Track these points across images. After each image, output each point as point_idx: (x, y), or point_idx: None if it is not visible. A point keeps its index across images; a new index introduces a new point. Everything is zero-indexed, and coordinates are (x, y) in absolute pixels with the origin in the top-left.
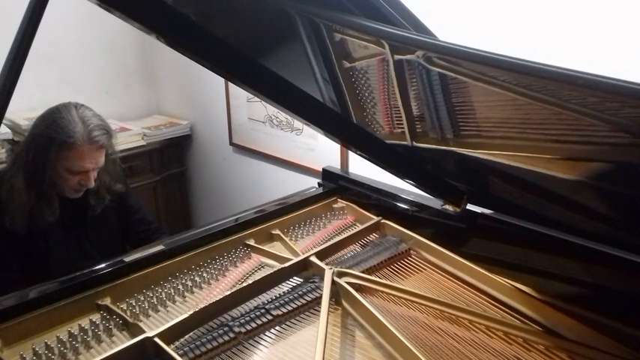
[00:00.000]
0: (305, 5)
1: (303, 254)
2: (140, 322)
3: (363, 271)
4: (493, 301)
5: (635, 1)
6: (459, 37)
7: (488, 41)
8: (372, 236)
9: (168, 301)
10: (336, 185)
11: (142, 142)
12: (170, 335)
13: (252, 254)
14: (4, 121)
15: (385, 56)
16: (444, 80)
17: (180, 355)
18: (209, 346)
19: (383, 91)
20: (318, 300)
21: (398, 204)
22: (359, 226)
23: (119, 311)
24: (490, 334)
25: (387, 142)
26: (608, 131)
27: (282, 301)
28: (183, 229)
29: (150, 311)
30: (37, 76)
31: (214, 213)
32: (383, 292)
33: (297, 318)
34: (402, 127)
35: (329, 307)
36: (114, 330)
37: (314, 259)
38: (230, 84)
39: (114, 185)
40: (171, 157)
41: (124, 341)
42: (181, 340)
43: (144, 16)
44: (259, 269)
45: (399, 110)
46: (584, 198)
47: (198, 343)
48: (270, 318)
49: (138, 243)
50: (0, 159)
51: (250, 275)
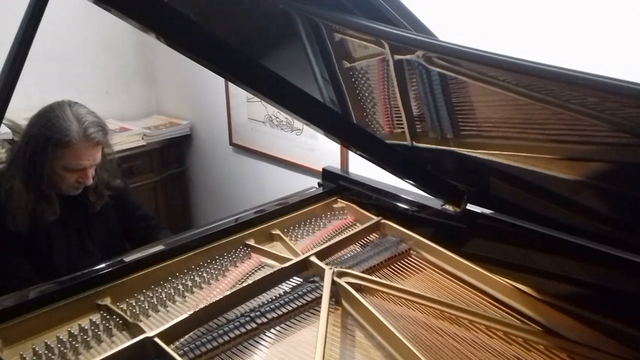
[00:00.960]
0: (305, 5)
1: (303, 254)
2: (140, 322)
3: (363, 271)
4: (493, 301)
5: (635, 1)
6: (459, 37)
7: (488, 41)
8: (372, 236)
9: (168, 301)
10: (336, 185)
11: (142, 142)
12: (170, 335)
13: (252, 254)
14: (4, 121)
15: (385, 56)
16: (444, 80)
17: (180, 355)
18: (209, 346)
19: (383, 91)
20: (318, 300)
21: (398, 204)
22: (359, 226)
23: (119, 311)
24: (490, 334)
25: (387, 142)
26: (608, 131)
27: (282, 301)
28: (183, 229)
29: (150, 311)
30: (37, 76)
31: (214, 213)
32: (383, 292)
33: (297, 318)
34: (402, 127)
35: (329, 307)
36: (114, 330)
37: (314, 259)
38: (230, 84)
39: (112, 181)
40: (171, 157)
41: (124, 341)
42: (181, 340)
43: (143, 16)
44: (259, 269)
45: (399, 110)
46: (584, 198)
47: (198, 343)
48: (271, 318)
49: (139, 239)
50: (0, 159)
51: (250, 275)
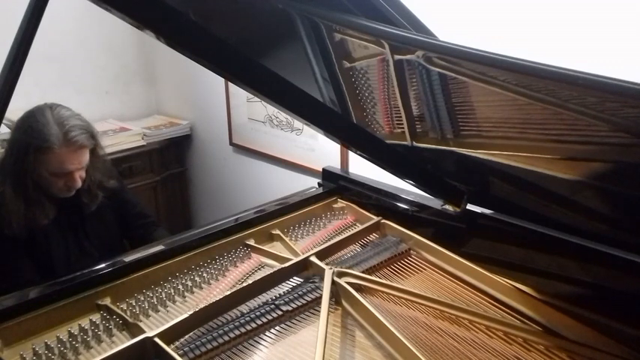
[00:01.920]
0: (305, 5)
1: (303, 254)
2: (140, 322)
3: (363, 271)
4: (493, 301)
5: (635, 1)
6: (459, 37)
7: (488, 41)
8: (372, 236)
9: (168, 301)
10: (336, 185)
11: (142, 142)
12: (170, 335)
13: (252, 254)
14: (4, 121)
15: (385, 56)
16: (444, 80)
17: (180, 355)
18: (209, 346)
19: (383, 91)
20: (318, 300)
21: (398, 204)
22: (359, 226)
23: (119, 311)
24: (490, 334)
25: (387, 142)
26: (608, 131)
27: (282, 301)
28: (183, 229)
29: (150, 311)
30: (37, 76)
31: (214, 213)
32: (383, 292)
33: (297, 318)
34: (402, 127)
35: (329, 307)
36: (114, 330)
37: (314, 259)
38: (230, 84)
39: (106, 182)
40: (171, 157)
41: (124, 341)
42: (181, 340)
43: (143, 16)
44: (259, 269)
45: (399, 110)
46: (584, 198)
47: (198, 343)
48: (270, 318)
49: (137, 238)
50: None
51: (250, 275)
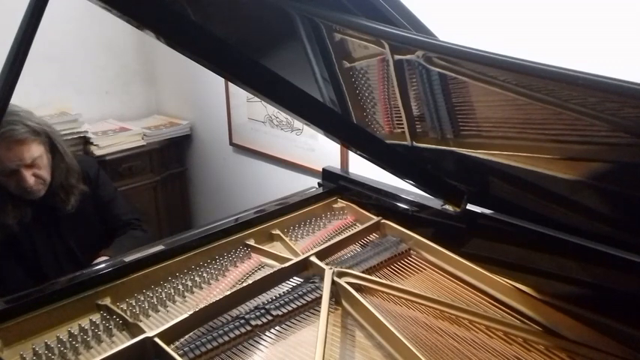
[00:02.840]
0: (305, 5)
1: (303, 254)
2: (140, 322)
3: (363, 271)
4: (493, 301)
5: (635, 1)
6: (459, 37)
7: (488, 41)
8: (372, 236)
9: (168, 301)
10: (336, 185)
11: (142, 142)
12: (170, 335)
13: (252, 254)
14: None
15: (385, 56)
16: (444, 80)
17: (180, 355)
18: (209, 346)
19: (383, 91)
20: (318, 300)
21: (398, 204)
22: (359, 226)
23: (119, 311)
24: (490, 334)
25: (387, 142)
26: (608, 131)
27: (282, 301)
28: (183, 229)
29: (150, 311)
30: (37, 76)
31: (214, 213)
32: (383, 292)
33: (297, 318)
34: (402, 127)
35: (329, 307)
36: (114, 330)
37: (314, 259)
38: (230, 84)
39: (77, 186)
40: (171, 157)
41: (124, 341)
42: (181, 340)
43: (143, 16)
44: (259, 269)
45: (399, 110)
46: (584, 198)
47: (198, 343)
48: (270, 318)
49: (112, 234)
50: None
51: (250, 275)
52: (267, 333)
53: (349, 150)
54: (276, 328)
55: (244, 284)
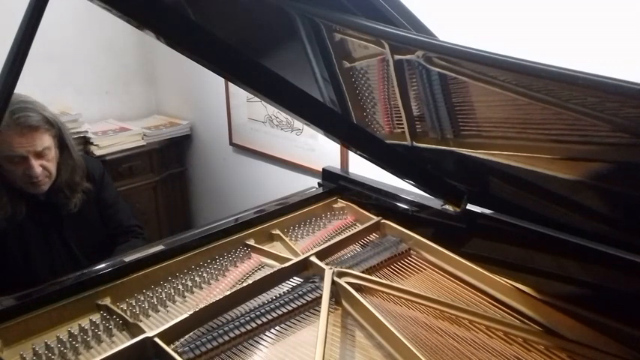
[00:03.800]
0: (305, 5)
1: (303, 254)
2: (140, 322)
3: (363, 271)
4: (493, 301)
5: (635, 1)
6: (459, 37)
7: (488, 41)
8: (372, 236)
9: (168, 301)
10: (336, 185)
11: (142, 142)
12: (170, 335)
13: (252, 254)
14: None
15: (385, 56)
16: (444, 80)
17: (180, 355)
18: (209, 346)
19: (383, 91)
20: (318, 300)
21: (398, 204)
22: (359, 226)
23: (119, 311)
24: (490, 334)
25: (387, 142)
26: (608, 131)
27: (282, 301)
28: (183, 229)
29: (150, 311)
30: (37, 76)
31: (214, 213)
32: (383, 292)
33: (297, 318)
34: (402, 127)
35: (329, 307)
36: (114, 330)
37: (314, 259)
38: (230, 84)
39: (81, 184)
40: (171, 157)
41: (124, 341)
42: (181, 340)
43: (143, 16)
44: (259, 269)
45: (399, 110)
46: (584, 198)
47: (198, 343)
48: (270, 318)
49: (115, 242)
50: None
51: (250, 275)
52: (267, 333)
53: (349, 150)
54: (276, 328)
55: (244, 284)
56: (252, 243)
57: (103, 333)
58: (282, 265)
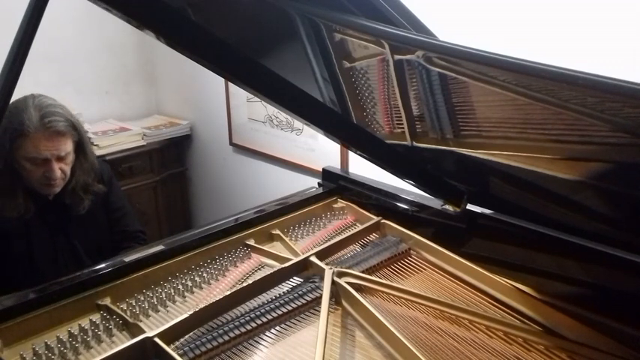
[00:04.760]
0: (305, 5)
1: (303, 254)
2: (140, 322)
3: (363, 271)
4: (493, 301)
5: (635, 1)
6: (459, 37)
7: (488, 41)
8: (372, 236)
9: (168, 301)
10: (336, 185)
11: (142, 142)
12: (170, 335)
13: (252, 254)
14: None
15: (385, 56)
16: (444, 80)
17: (180, 355)
18: (209, 346)
19: (383, 91)
20: (318, 300)
21: (398, 204)
22: (359, 226)
23: (119, 311)
24: (490, 334)
25: (387, 142)
26: (608, 131)
27: (282, 301)
28: (183, 229)
29: (150, 311)
30: (37, 76)
31: (214, 213)
32: (383, 292)
33: (297, 318)
34: (402, 127)
35: (329, 307)
36: (114, 330)
37: (314, 259)
38: (230, 84)
39: (93, 185)
40: (172, 157)
41: (124, 341)
42: (181, 340)
43: (143, 16)
44: (259, 269)
45: (399, 110)
46: (584, 198)
47: (198, 343)
48: (270, 318)
49: (118, 247)
50: None
51: (250, 275)
52: (267, 333)
53: (349, 150)
54: (276, 328)
55: (244, 284)
56: (252, 243)
57: (103, 333)
58: (282, 265)
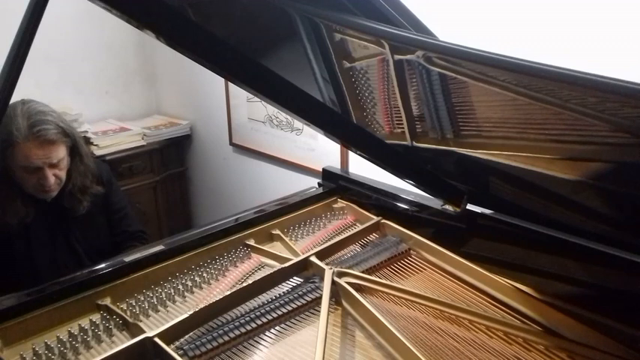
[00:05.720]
0: (305, 5)
1: (303, 254)
2: (140, 322)
3: (363, 271)
4: (493, 301)
5: (635, 1)
6: (459, 37)
7: (488, 41)
8: (372, 236)
9: (168, 301)
10: (336, 185)
11: (142, 142)
12: (170, 335)
13: (252, 254)
14: None
15: (385, 56)
16: (444, 80)
17: (180, 355)
18: (209, 346)
19: (383, 91)
20: (318, 300)
21: (398, 204)
22: (359, 226)
23: (119, 311)
24: (490, 334)
25: (387, 142)
26: (608, 131)
27: (282, 301)
28: (183, 229)
29: (150, 311)
30: (37, 76)
31: (214, 213)
32: (383, 292)
33: (297, 318)
34: (402, 127)
35: (329, 307)
36: (114, 330)
37: (314, 259)
38: (230, 84)
39: (90, 187)
40: (171, 157)
41: (124, 341)
42: (181, 340)
43: (143, 16)
44: (259, 269)
45: (399, 110)
46: (584, 198)
47: (198, 343)
48: (270, 318)
49: (120, 247)
50: None
51: (250, 275)
52: (267, 333)
53: (349, 150)
54: (276, 328)
55: (244, 284)
56: (252, 243)
57: (103, 333)
58: (282, 265)
